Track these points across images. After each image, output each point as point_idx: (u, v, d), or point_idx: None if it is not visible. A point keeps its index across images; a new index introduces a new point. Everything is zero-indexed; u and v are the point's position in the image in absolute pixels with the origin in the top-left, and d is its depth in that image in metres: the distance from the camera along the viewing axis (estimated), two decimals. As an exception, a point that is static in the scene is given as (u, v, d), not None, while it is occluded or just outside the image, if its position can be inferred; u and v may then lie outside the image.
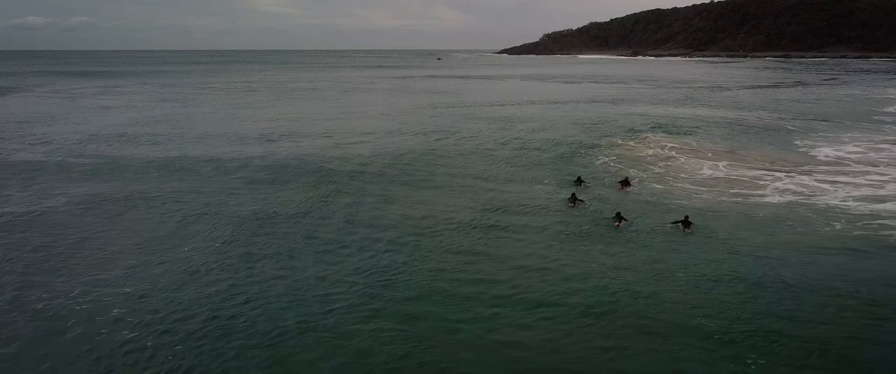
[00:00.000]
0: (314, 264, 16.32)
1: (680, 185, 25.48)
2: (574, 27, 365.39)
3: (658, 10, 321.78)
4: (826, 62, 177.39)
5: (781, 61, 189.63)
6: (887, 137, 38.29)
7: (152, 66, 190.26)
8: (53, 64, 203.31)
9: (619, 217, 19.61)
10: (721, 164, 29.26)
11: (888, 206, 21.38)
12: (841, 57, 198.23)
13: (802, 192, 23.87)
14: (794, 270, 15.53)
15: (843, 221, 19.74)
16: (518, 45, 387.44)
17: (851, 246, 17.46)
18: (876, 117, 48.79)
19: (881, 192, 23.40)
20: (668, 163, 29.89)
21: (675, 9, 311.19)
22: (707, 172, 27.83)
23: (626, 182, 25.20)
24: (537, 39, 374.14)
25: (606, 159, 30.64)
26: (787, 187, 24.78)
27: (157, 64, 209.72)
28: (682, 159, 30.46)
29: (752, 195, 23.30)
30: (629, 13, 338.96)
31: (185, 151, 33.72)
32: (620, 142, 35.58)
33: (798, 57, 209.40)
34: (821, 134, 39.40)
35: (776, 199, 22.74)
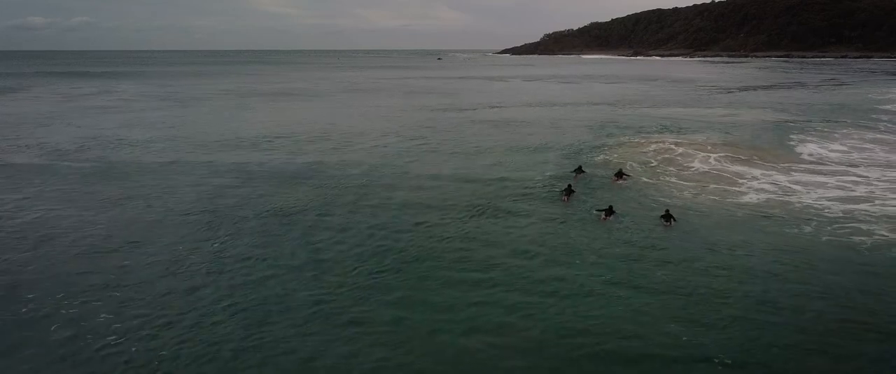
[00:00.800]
0: (311, 258, 16.49)
1: (672, 180, 25.53)
2: (575, 27, 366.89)
3: (659, 10, 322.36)
4: (828, 62, 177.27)
5: (784, 61, 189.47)
6: (879, 137, 38.35)
7: (152, 66, 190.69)
8: (53, 64, 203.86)
9: (610, 211, 19.73)
10: (717, 162, 29.26)
11: (865, 206, 21.40)
12: (842, 57, 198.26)
13: (793, 191, 23.85)
14: (770, 266, 15.60)
15: (821, 220, 19.70)
16: (519, 45, 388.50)
17: (835, 245, 17.48)
18: (874, 116, 48.84)
19: (855, 193, 23.46)
20: (665, 158, 29.95)
21: (675, 9, 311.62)
22: (701, 168, 27.85)
23: (620, 174, 25.29)
24: (538, 39, 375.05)
25: (605, 156, 30.71)
26: (778, 186, 24.77)
27: (157, 64, 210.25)
28: (679, 156, 30.48)
29: (741, 193, 23.31)
30: (630, 13, 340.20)
31: (183, 151, 33.81)
32: (622, 140, 35.71)
33: (799, 57, 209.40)
34: (822, 134, 39.36)
35: (764, 197, 22.71)
